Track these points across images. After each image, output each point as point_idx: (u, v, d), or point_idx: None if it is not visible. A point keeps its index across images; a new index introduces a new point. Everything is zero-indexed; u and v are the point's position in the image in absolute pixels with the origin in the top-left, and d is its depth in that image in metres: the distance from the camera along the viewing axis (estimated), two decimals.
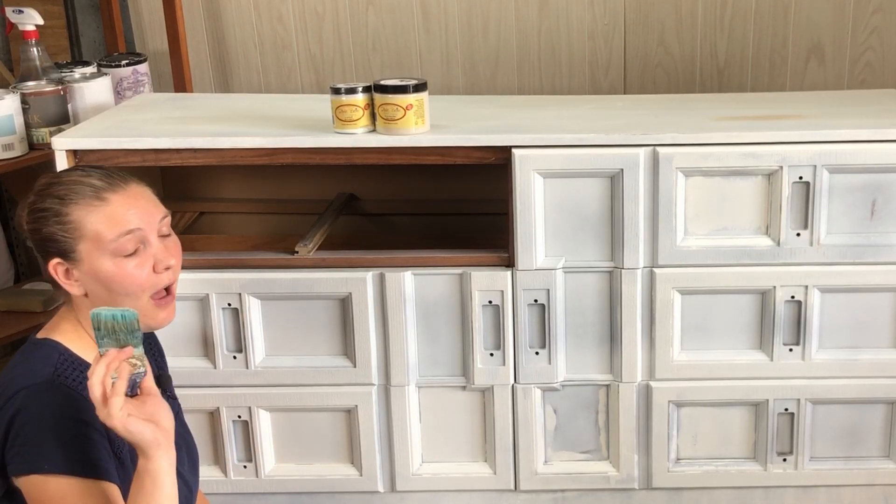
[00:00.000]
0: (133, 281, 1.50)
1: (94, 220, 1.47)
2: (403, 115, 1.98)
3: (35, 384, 1.42)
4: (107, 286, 1.49)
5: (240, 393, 2.14)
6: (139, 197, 1.53)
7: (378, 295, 2.08)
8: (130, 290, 1.50)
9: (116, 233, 1.48)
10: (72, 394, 1.43)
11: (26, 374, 1.44)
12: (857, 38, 2.76)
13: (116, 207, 1.49)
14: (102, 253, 1.47)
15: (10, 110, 2.32)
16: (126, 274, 1.49)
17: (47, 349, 1.49)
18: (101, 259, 1.47)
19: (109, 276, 1.48)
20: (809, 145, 1.98)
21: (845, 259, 2.04)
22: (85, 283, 1.49)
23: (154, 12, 2.91)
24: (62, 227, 1.46)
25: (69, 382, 1.44)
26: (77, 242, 1.47)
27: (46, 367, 1.45)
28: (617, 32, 2.82)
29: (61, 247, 1.47)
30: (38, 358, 1.47)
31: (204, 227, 2.48)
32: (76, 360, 1.48)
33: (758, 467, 2.19)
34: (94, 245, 1.47)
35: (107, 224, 1.47)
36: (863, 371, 2.11)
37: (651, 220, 2.03)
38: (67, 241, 1.47)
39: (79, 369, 1.47)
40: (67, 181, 1.49)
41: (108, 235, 1.47)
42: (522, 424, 2.15)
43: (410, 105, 1.98)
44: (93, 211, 1.47)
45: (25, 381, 1.43)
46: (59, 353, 1.48)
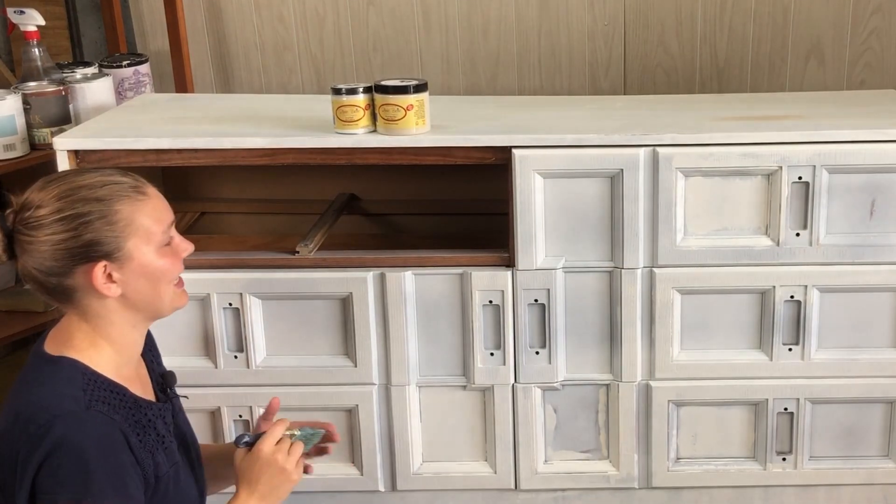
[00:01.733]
0: (174, 270, 1.53)
1: (143, 215, 1.48)
2: (404, 116, 1.99)
3: (72, 412, 1.40)
4: (154, 279, 1.50)
5: (241, 392, 2.14)
6: (157, 191, 1.55)
7: (379, 295, 2.09)
8: (171, 278, 1.53)
9: (164, 225, 1.51)
10: (109, 422, 1.42)
11: (56, 399, 1.41)
12: (857, 39, 2.76)
13: (156, 201, 1.51)
14: (150, 247, 1.48)
15: (12, 111, 2.32)
16: (170, 264, 1.52)
17: (69, 370, 1.46)
18: (149, 253, 1.48)
19: (158, 268, 1.50)
20: (809, 145, 1.98)
21: (844, 259, 2.05)
22: (128, 283, 1.48)
23: (155, 13, 2.91)
24: (110, 228, 1.45)
25: (104, 409, 1.43)
26: (126, 240, 1.46)
27: (76, 391, 1.42)
28: (617, 33, 2.83)
29: (107, 248, 1.45)
30: (62, 381, 1.44)
31: (205, 227, 2.48)
32: (102, 381, 1.47)
33: (757, 467, 2.19)
34: (143, 240, 1.47)
35: (153, 218, 1.49)
36: (862, 371, 2.12)
37: (651, 220, 2.03)
38: (116, 239, 1.45)
39: (107, 391, 1.46)
40: (97, 183, 1.47)
41: (156, 229, 1.49)
42: (522, 424, 2.16)
43: (411, 105, 1.98)
44: (140, 207, 1.48)
45: (59, 408, 1.40)
46: (83, 373, 1.46)
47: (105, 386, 1.46)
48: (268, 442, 1.58)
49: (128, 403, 1.49)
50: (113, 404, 1.45)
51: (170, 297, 1.54)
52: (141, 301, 1.50)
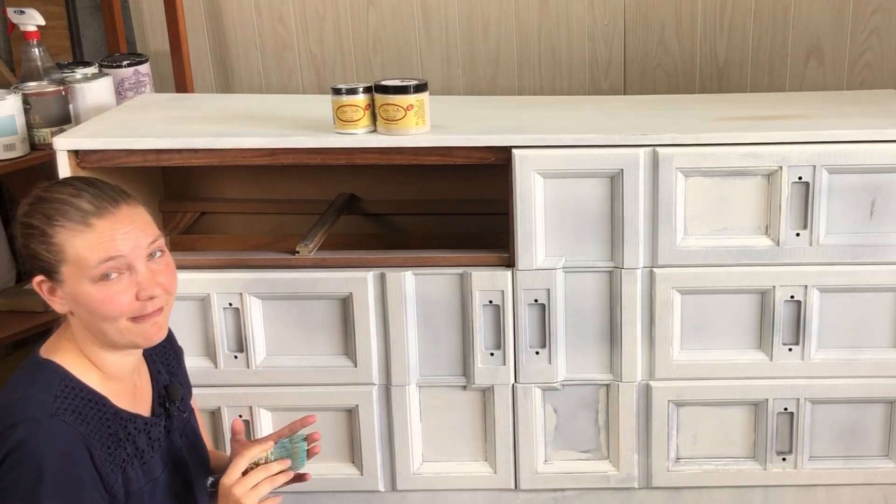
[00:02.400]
0: (113, 307, 1.46)
1: (77, 246, 1.43)
2: (404, 116, 1.99)
3: (34, 418, 1.39)
4: (89, 311, 1.46)
5: (241, 392, 2.14)
6: (128, 221, 1.47)
7: (379, 295, 2.09)
8: (109, 315, 1.46)
9: (98, 259, 1.44)
10: (70, 432, 1.41)
11: (26, 403, 1.41)
12: (857, 39, 2.76)
13: (102, 233, 1.44)
14: (83, 277, 1.44)
15: (12, 111, 2.32)
16: (106, 299, 1.45)
17: (48, 374, 1.46)
18: (81, 283, 1.44)
19: (90, 300, 1.45)
20: (809, 145, 1.98)
21: (845, 259, 2.05)
22: (68, 304, 1.47)
23: (155, 13, 2.91)
24: (46, 248, 1.44)
25: (69, 419, 1.42)
26: (60, 264, 1.44)
27: (46, 396, 1.42)
28: (617, 33, 2.82)
29: (45, 266, 1.45)
30: (38, 384, 1.44)
31: (205, 227, 2.48)
32: (80, 389, 1.46)
33: (757, 467, 2.19)
34: (76, 269, 1.44)
35: (90, 250, 1.44)
36: (862, 371, 2.12)
37: (651, 220, 2.03)
38: (51, 261, 1.44)
39: (82, 399, 1.45)
40: (57, 200, 1.45)
41: (90, 261, 1.44)
42: (523, 424, 2.16)
43: (411, 105, 1.98)
44: (77, 235, 1.44)
45: (24, 413, 1.40)
46: (61, 378, 1.45)
47: (83, 394, 1.45)
48: (229, 475, 1.52)
49: (105, 414, 1.47)
50: (83, 414, 1.44)
51: (117, 331, 1.47)
52: (88, 326, 1.48)
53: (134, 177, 2.27)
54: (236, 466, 1.53)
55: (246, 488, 1.51)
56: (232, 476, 1.52)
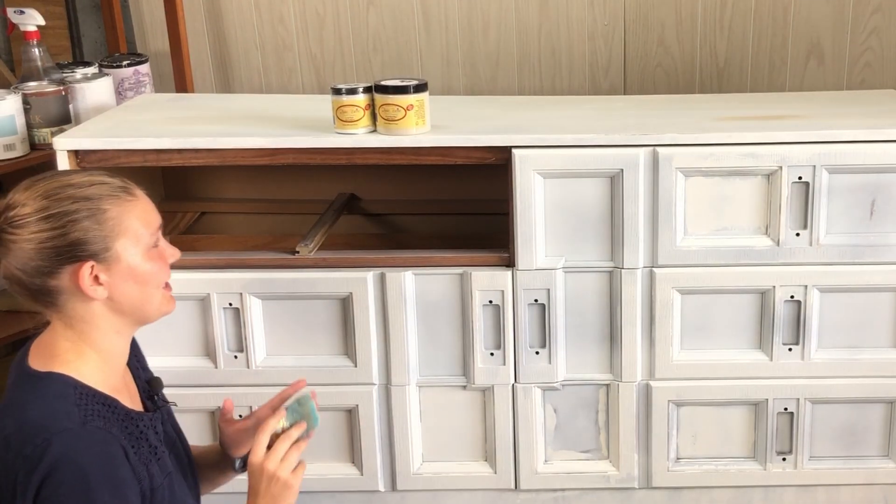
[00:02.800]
0: (162, 274, 1.50)
1: (133, 217, 1.46)
2: (404, 116, 1.99)
3: (68, 429, 1.37)
4: (141, 282, 1.47)
5: (241, 392, 2.14)
6: (144, 194, 1.53)
7: (379, 295, 2.09)
8: (159, 282, 1.50)
9: (153, 228, 1.49)
10: (107, 436, 1.40)
11: (50, 417, 1.38)
12: (857, 39, 2.76)
13: (144, 204, 1.49)
14: (138, 247, 1.46)
15: (12, 111, 2.32)
16: (158, 268, 1.49)
17: (59, 385, 1.42)
18: (136, 255, 1.46)
19: (146, 271, 1.47)
20: (809, 145, 1.98)
21: (844, 259, 2.05)
22: (115, 285, 1.45)
23: (155, 13, 2.91)
24: (100, 226, 1.42)
25: (100, 424, 1.41)
26: (114, 240, 1.43)
27: (70, 407, 1.39)
28: (617, 33, 2.83)
29: (95, 247, 1.42)
30: (53, 397, 1.41)
31: (205, 227, 2.48)
32: (93, 395, 1.44)
33: (757, 467, 2.20)
34: (132, 241, 1.45)
35: (143, 220, 1.47)
36: (862, 371, 2.12)
37: (651, 220, 2.03)
38: (105, 239, 1.42)
39: (100, 404, 1.43)
40: (84, 182, 1.44)
41: (145, 231, 1.47)
42: (522, 424, 2.16)
43: (411, 105, 1.98)
44: (130, 207, 1.46)
45: (54, 426, 1.37)
46: (74, 387, 1.42)
47: (97, 399, 1.44)
48: (256, 453, 1.55)
49: (120, 416, 1.46)
50: (108, 418, 1.43)
51: (157, 302, 1.51)
52: (128, 304, 1.47)
53: (134, 177, 2.25)
54: (260, 442, 1.55)
55: (276, 461, 1.54)
56: (259, 452, 1.54)
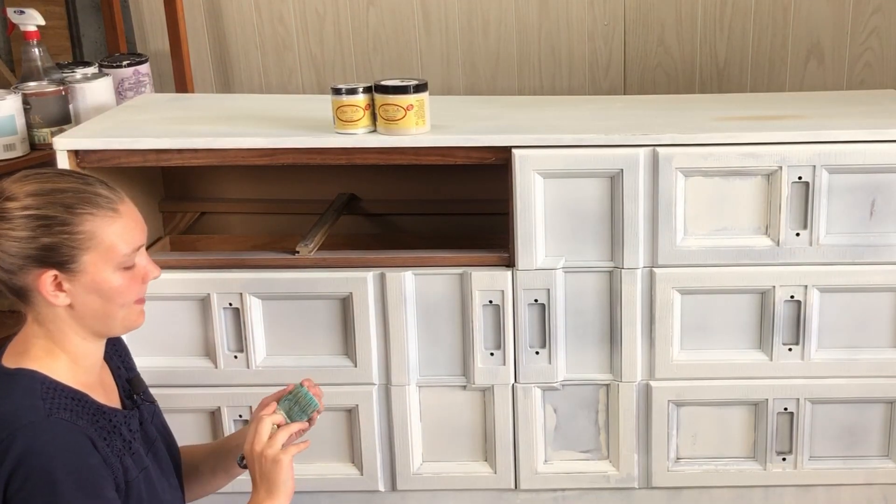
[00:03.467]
0: (132, 292, 1.48)
1: (108, 233, 1.44)
2: (404, 116, 1.99)
3: (32, 423, 1.38)
4: (107, 297, 1.46)
5: (241, 392, 2.14)
6: (134, 209, 1.50)
7: (379, 295, 2.09)
8: (127, 300, 1.48)
9: (131, 247, 1.46)
10: (72, 427, 1.41)
11: (15, 412, 1.39)
12: (857, 39, 2.76)
13: (128, 220, 1.47)
14: (108, 265, 1.44)
15: (12, 111, 2.32)
16: (128, 286, 1.47)
17: (26, 380, 1.43)
18: (106, 271, 1.44)
19: (114, 287, 1.45)
20: (809, 145, 1.98)
21: (844, 259, 2.05)
22: (77, 295, 1.45)
23: (155, 13, 2.91)
24: (69, 237, 1.41)
25: (66, 416, 1.41)
26: (84, 253, 1.43)
27: (35, 401, 1.40)
28: (617, 33, 2.83)
29: (61, 258, 1.42)
30: (19, 392, 1.41)
31: (205, 227, 2.48)
32: (61, 388, 1.44)
33: (757, 467, 2.20)
34: (102, 256, 1.44)
35: (121, 237, 1.45)
36: (862, 371, 2.12)
37: (651, 220, 2.03)
38: (73, 251, 1.42)
39: (68, 398, 1.44)
40: (70, 189, 1.44)
41: (122, 249, 1.45)
42: (522, 424, 2.16)
43: (411, 105, 1.98)
44: (108, 223, 1.44)
45: (18, 421, 1.37)
46: (41, 382, 1.43)
47: (65, 394, 1.44)
48: (257, 441, 1.58)
49: (90, 410, 1.46)
50: (75, 411, 1.43)
51: (121, 318, 1.49)
52: (89, 316, 1.47)
53: (134, 177, 2.27)
54: (260, 432, 1.58)
55: (262, 441, 1.58)
56: (261, 441, 1.58)
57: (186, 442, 1.82)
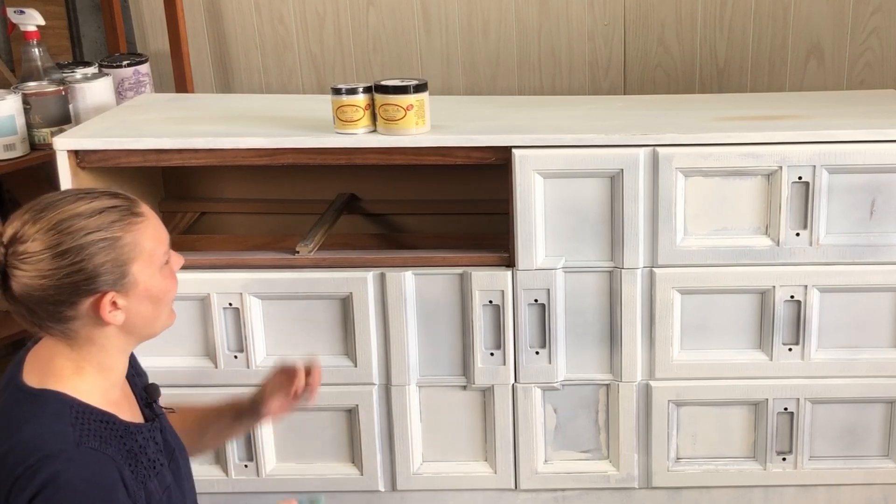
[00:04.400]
0: (174, 288, 1.49)
1: (145, 238, 1.43)
2: (404, 116, 1.99)
3: (61, 451, 1.34)
4: (157, 300, 1.45)
5: (241, 392, 2.14)
6: (150, 208, 1.49)
7: (379, 295, 2.09)
8: (172, 297, 1.49)
9: (165, 245, 1.46)
10: (101, 458, 1.38)
11: (44, 438, 1.35)
12: (857, 39, 2.76)
13: (153, 221, 1.46)
14: (153, 268, 1.44)
15: (12, 111, 2.32)
16: (172, 283, 1.48)
17: (56, 404, 1.39)
18: (153, 275, 1.44)
19: (163, 289, 1.46)
20: (809, 145, 1.98)
21: (844, 259, 2.05)
22: (131, 308, 1.43)
23: (155, 13, 2.91)
24: (116, 254, 1.39)
25: (95, 444, 1.38)
26: (132, 264, 1.41)
27: (65, 427, 1.37)
28: (617, 33, 2.83)
29: (113, 276, 1.39)
30: (49, 416, 1.38)
31: (205, 227, 2.48)
32: (91, 412, 1.41)
33: (757, 467, 2.20)
34: (146, 263, 1.42)
35: (155, 239, 1.44)
36: (862, 371, 2.12)
37: (651, 220, 2.03)
38: (122, 266, 1.40)
39: (97, 422, 1.41)
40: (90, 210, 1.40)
41: (159, 250, 1.45)
42: (523, 424, 2.16)
43: (411, 105, 1.98)
44: (141, 229, 1.43)
45: (48, 447, 1.34)
46: (70, 406, 1.40)
47: (94, 417, 1.41)
48: None
49: (119, 432, 1.44)
50: (104, 437, 1.40)
51: (164, 318, 1.50)
52: (140, 324, 1.45)
53: (134, 177, 2.27)
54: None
55: None
56: None
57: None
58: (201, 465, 2.19)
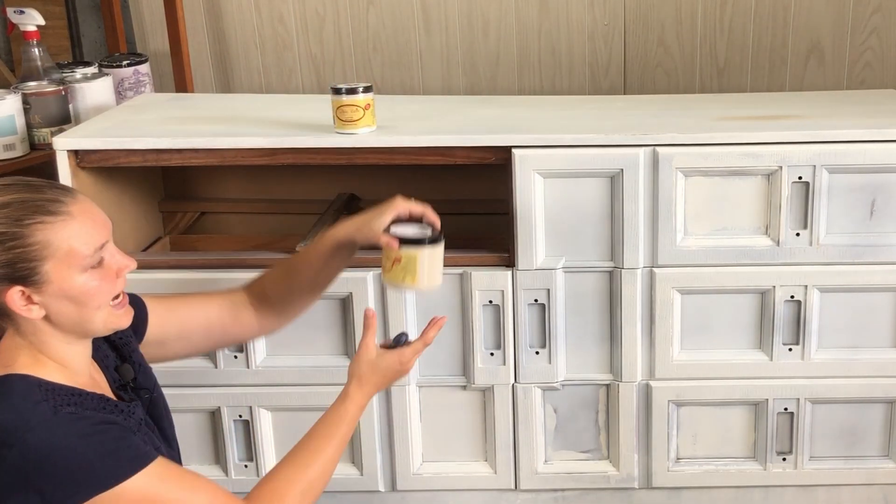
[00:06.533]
0: (104, 292, 1.43)
1: (64, 238, 1.38)
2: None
3: (41, 422, 1.34)
4: (78, 302, 1.41)
5: (241, 392, 2.14)
6: (92, 206, 1.44)
7: (379, 295, 2.08)
8: (101, 301, 1.43)
9: (91, 247, 1.40)
10: (81, 413, 1.38)
11: (20, 416, 1.35)
12: (857, 39, 2.76)
13: (84, 220, 1.40)
14: (73, 269, 1.39)
15: (12, 110, 2.32)
16: (99, 287, 1.42)
17: (22, 385, 1.39)
18: (72, 276, 1.39)
19: (83, 291, 1.41)
20: (809, 145, 1.98)
21: (844, 259, 2.05)
22: (50, 305, 1.40)
23: (155, 12, 2.91)
24: (24, 251, 1.36)
25: (71, 410, 1.38)
26: (43, 263, 1.37)
27: (37, 404, 1.37)
28: (617, 33, 2.83)
29: (22, 273, 1.37)
30: (18, 396, 1.37)
31: (205, 227, 2.48)
32: (59, 388, 1.41)
33: (757, 467, 2.20)
34: (64, 263, 1.38)
35: (79, 239, 1.39)
36: (862, 371, 2.12)
37: (651, 220, 2.03)
38: (31, 264, 1.37)
39: (67, 394, 1.41)
40: (17, 200, 1.38)
41: (82, 251, 1.39)
42: (523, 424, 2.16)
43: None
44: (62, 228, 1.38)
45: (26, 424, 1.34)
46: (37, 385, 1.39)
47: (64, 391, 1.41)
48: (400, 366, 1.70)
49: (94, 401, 1.43)
50: (80, 404, 1.40)
51: (102, 319, 1.44)
52: (67, 323, 1.42)
53: (134, 177, 2.27)
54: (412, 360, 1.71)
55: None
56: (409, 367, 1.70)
57: (184, 445, 1.80)
58: (201, 465, 2.19)
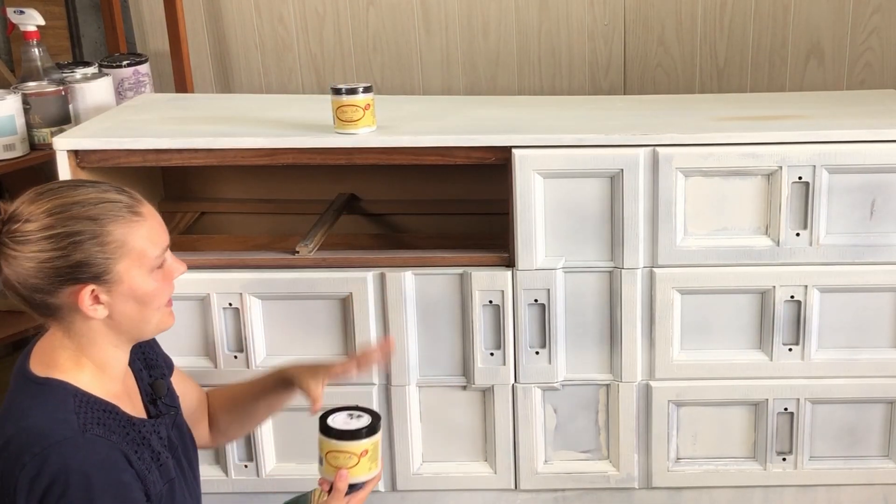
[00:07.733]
0: (164, 294, 1.48)
1: (137, 238, 1.42)
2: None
3: (67, 439, 1.36)
4: (143, 303, 1.45)
5: None
6: (154, 210, 1.49)
7: (378, 295, 2.09)
8: (160, 303, 1.48)
9: (159, 249, 1.45)
10: (107, 444, 1.40)
11: (49, 426, 1.37)
12: (857, 39, 2.76)
13: (152, 222, 1.46)
14: (142, 269, 1.43)
15: (12, 111, 2.32)
16: (160, 288, 1.46)
17: (59, 392, 1.41)
18: (141, 276, 1.43)
19: (150, 292, 1.45)
20: (809, 145, 1.98)
21: (844, 259, 2.05)
22: (115, 305, 1.43)
23: (155, 13, 2.91)
24: (101, 249, 1.39)
25: (100, 431, 1.40)
26: (117, 262, 1.41)
27: (69, 416, 1.39)
28: (617, 33, 2.83)
29: (97, 270, 1.40)
30: (53, 405, 1.40)
31: (205, 227, 2.48)
32: (94, 402, 1.43)
33: (757, 467, 2.20)
34: (135, 263, 1.42)
35: (148, 241, 1.44)
36: (862, 371, 2.12)
37: (651, 220, 2.03)
38: (107, 262, 1.40)
39: (100, 411, 1.43)
40: (89, 200, 1.41)
41: (152, 252, 1.44)
42: (523, 424, 2.16)
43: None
44: (135, 228, 1.42)
45: (53, 436, 1.36)
46: (74, 395, 1.42)
47: (97, 406, 1.43)
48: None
49: (121, 422, 1.45)
50: (108, 425, 1.42)
51: (156, 321, 1.49)
52: (126, 323, 1.45)
53: (134, 177, 2.27)
54: None
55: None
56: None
57: None
58: (200, 465, 2.19)
